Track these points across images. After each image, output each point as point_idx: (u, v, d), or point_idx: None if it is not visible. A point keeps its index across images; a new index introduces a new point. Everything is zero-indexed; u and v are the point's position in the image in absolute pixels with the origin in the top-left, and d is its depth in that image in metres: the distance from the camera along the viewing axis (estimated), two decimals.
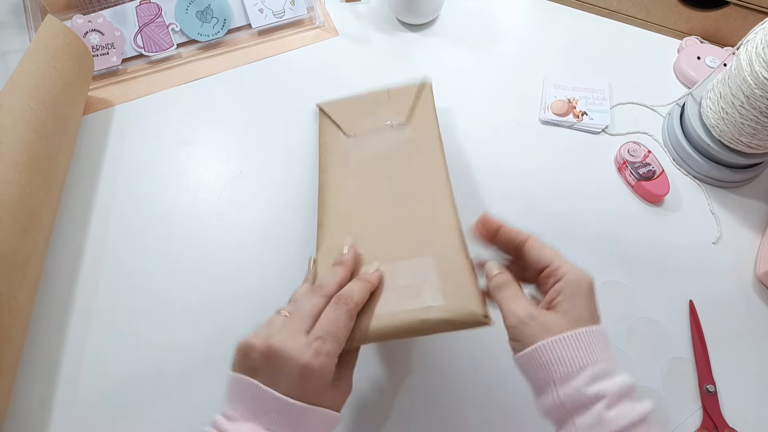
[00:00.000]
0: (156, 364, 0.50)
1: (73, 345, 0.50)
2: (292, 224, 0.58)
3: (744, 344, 0.54)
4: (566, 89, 0.65)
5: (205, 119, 0.64)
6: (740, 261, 0.59)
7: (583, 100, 0.64)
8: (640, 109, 0.68)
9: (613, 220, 0.60)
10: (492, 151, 0.64)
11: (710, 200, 0.62)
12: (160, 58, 0.68)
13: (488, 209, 0.60)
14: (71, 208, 0.57)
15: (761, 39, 0.52)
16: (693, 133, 0.62)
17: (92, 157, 0.60)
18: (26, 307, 0.47)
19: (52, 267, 0.53)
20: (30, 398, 0.47)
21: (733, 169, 0.62)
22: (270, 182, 0.60)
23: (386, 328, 0.39)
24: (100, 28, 0.64)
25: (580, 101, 0.63)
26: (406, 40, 0.73)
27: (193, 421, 0.47)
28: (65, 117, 0.55)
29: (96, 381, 0.49)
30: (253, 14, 0.70)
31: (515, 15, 0.77)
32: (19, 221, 0.46)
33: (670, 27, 0.75)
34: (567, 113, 0.52)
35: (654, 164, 0.62)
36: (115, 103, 0.64)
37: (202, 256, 0.55)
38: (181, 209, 0.58)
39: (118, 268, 0.54)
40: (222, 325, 0.52)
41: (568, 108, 0.55)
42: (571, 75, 0.69)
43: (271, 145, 0.63)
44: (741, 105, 0.55)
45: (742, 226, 0.61)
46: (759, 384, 0.51)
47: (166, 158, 0.61)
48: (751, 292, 0.57)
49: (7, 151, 0.48)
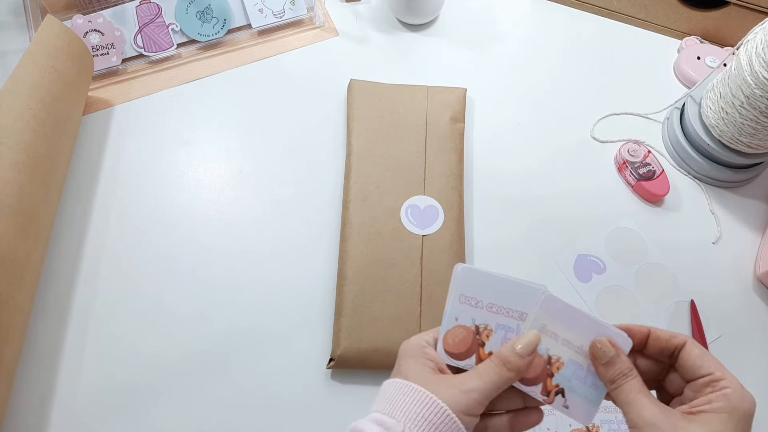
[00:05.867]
0: (155, 364, 0.50)
1: (72, 345, 0.50)
2: (292, 224, 0.58)
3: (744, 344, 0.54)
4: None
5: (205, 119, 0.64)
6: (740, 261, 0.59)
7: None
8: (637, 109, 0.68)
9: (613, 220, 0.60)
10: (492, 151, 0.64)
11: (710, 200, 0.62)
12: (160, 58, 0.68)
13: (488, 211, 0.60)
14: (71, 208, 0.57)
15: (761, 39, 0.52)
16: (693, 133, 0.62)
17: (92, 157, 0.60)
18: (25, 306, 0.47)
19: (52, 267, 0.53)
20: (29, 398, 0.47)
21: (733, 169, 0.62)
22: (270, 182, 0.60)
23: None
24: (100, 28, 0.64)
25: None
26: (406, 40, 0.73)
27: (193, 421, 0.48)
28: (65, 117, 0.55)
29: (95, 381, 0.49)
30: (253, 14, 0.70)
31: (515, 15, 0.77)
32: (18, 221, 0.46)
33: (670, 27, 0.75)
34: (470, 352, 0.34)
35: (654, 164, 0.62)
36: (115, 103, 0.64)
37: (202, 256, 0.55)
38: (181, 209, 0.58)
39: (117, 267, 0.54)
40: (222, 324, 0.52)
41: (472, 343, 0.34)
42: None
43: (271, 144, 0.63)
44: (741, 105, 0.54)
45: (742, 226, 0.61)
46: (759, 384, 0.51)
47: (166, 158, 0.61)
48: (751, 292, 0.57)
49: (7, 150, 0.48)
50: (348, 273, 0.52)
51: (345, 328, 0.50)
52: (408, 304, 0.51)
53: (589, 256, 0.58)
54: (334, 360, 0.49)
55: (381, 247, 0.53)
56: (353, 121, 0.61)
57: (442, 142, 0.59)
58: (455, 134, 0.61)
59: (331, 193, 0.59)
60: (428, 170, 0.57)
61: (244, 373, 0.50)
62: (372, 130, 0.60)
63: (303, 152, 0.62)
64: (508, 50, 0.73)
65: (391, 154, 0.58)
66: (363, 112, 0.61)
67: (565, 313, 0.32)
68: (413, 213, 0.55)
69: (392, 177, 0.57)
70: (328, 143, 0.63)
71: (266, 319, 0.52)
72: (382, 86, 0.63)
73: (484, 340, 0.33)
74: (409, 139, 0.59)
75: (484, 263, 0.56)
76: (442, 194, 0.56)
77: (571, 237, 0.59)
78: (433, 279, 0.52)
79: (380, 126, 0.60)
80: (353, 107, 0.62)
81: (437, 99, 0.62)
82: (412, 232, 0.54)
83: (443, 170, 0.58)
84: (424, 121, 0.60)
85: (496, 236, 0.58)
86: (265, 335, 0.52)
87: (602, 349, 0.32)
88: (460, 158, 0.60)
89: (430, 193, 0.56)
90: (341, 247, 0.54)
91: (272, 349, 0.51)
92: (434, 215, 0.55)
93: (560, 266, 0.57)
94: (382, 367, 0.49)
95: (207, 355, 0.50)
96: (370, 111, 0.61)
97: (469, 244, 0.57)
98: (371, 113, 0.61)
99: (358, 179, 0.57)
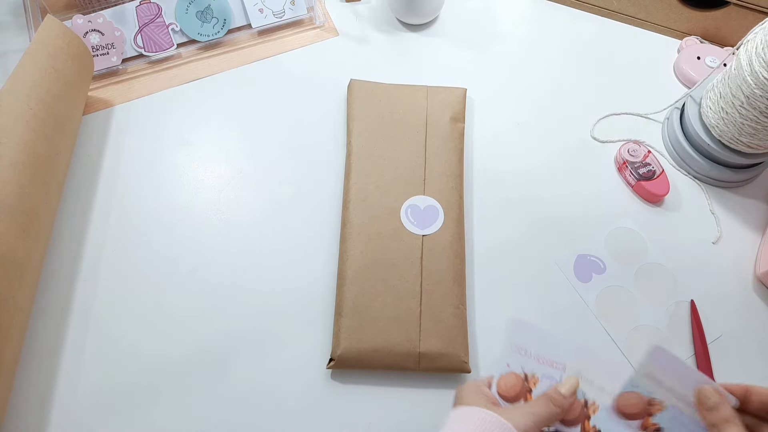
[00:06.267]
0: (155, 364, 0.50)
1: (72, 345, 0.50)
2: (292, 224, 0.58)
3: (744, 344, 0.54)
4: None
5: (205, 119, 0.64)
6: (740, 261, 0.59)
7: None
8: (637, 109, 0.68)
9: (613, 220, 0.60)
10: (492, 151, 0.64)
11: (710, 200, 0.62)
12: (160, 58, 0.68)
13: (488, 211, 0.60)
14: (71, 208, 0.57)
15: (761, 39, 0.52)
16: (693, 133, 0.62)
17: (92, 156, 0.60)
18: (25, 306, 0.47)
19: (52, 267, 0.53)
20: (29, 398, 0.47)
21: (733, 169, 0.62)
22: (270, 182, 0.60)
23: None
24: (100, 28, 0.64)
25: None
26: (406, 40, 0.73)
27: (193, 421, 0.48)
28: (65, 117, 0.55)
29: (95, 381, 0.49)
30: (253, 14, 0.70)
31: (515, 15, 0.77)
32: (18, 221, 0.46)
33: (670, 27, 0.75)
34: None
35: (654, 164, 0.62)
36: (115, 103, 0.64)
37: (202, 255, 0.55)
38: (181, 209, 0.58)
39: (117, 267, 0.54)
40: (222, 324, 0.52)
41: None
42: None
43: (271, 144, 0.63)
44: (741, 105, 0.54)
45: (742, 226, 0.61)
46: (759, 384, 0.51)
47: (166, 158, 0.61)
48: (751, 292, 0.57)
49: (7, 150, 0.48)
50: (348, 273, 0.52)
51: (345, 328, 0.49)
52: (408, 304, 0.51)
53: (589, 256, 0.58)
54: (334, 360, 0.49)
55: (381, 247, 0.53)
56: (353, 121, 0.61)
57: (442, 141, 0.59)
58: (455, 134, 0.61)
59: (331, 193, 0.59)
60: (428, 170, 0.57)
61: (244, 373, 0.50)
62: (372, 130, 0.60)
63: (303, 152, 0.62)
64: (508, 50, 0.73)
65: (391, 154, 0.58)
66: (363, 112, 0.61)
67: (673, 363, 0.34)
68: (413, 213, 0.55)
69: (392, 177, 0.57)
70: (328, 143, 0.63)
71: (266, 319, 0.52)
72: (382, 86, 0.63)
73: (531, 387, 0.38)
74: (409, 139, 0.59)
75: (484, 263, 0.57)
76: (442, 194, 0.56)
77: (571, 237, 0.59)
78: (433, 279, 0.52)
79: (380, 126, 0.60)
80: (353, 107, 0.62)
81: (437, 99, 0.62)
82: (412, 232, 0.54)
83: (443, 170, 0.58)
84: (424, 121, 0.60)
85: (497, 236, 0.58)
86: (265, 335, 0.52)
87: (707, 395, 0.33)
88: (460, 158, 0.60)
89: (430, 193, 0.56)
90: (341, 247, 0.54)
91: (272, 349, 0.51)
92: (434, 215, 0.55)
93: (560, 266, 0.57)
94: (382, 367, 0.50)
95: (207, 355, 0.50)
96: (370, 111, 0.61)
97: (469, 244, 0.57)
98: (371, 113, 0.61)
99: (358, 179, 0.57)
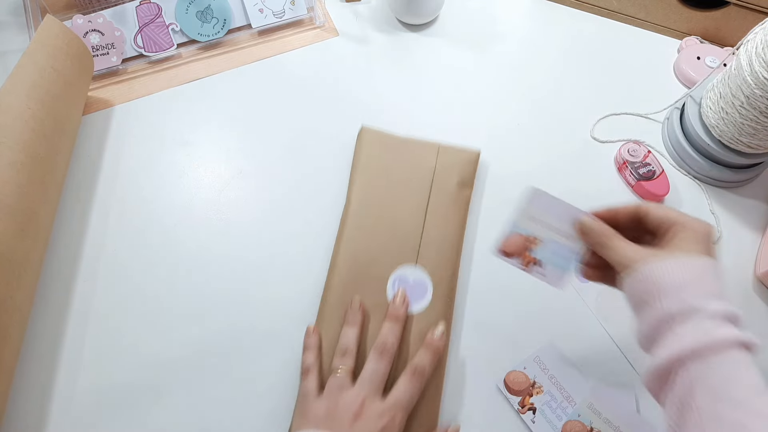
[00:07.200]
0: (155, 364, 0.50)
1: (71, 345, 0.50)
2: (292, 224, 0.58)
3: None
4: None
5: (205, 119, 0.64)
6: (740, 261, 0.59)
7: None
8: (637, 109, 0.68)
9: None
10: (491, 152, 0.64)
11: (710, 200, 0.62)
12: (160, 58, 0.68)
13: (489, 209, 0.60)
14: (70, 208, 0.57)
15: (761, 39, 0.52)
16: (693, 134, 0.62)
17: (92, 157, 0.60)
18: (24, 306, 0.47)
19: (51, 267, 0.53)
20: (29, 398, 0.47)
21: (733, 169, 0.62)
22: (270, 182, 0.60)
23: None
24: (100, 28, 0.64)
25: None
26: (406, 40, 0.73)
27: (192, 421, 0.47)
28: (64, 117, 0.55)
29: (95, 380, 0.48)
30: (253, 14, 0.70)
31: (515, 15, 0.77)
32: (17, 221, 0.46)
33: (670, 27, 0.75)
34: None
35: (654, 164, 0.62)
36: (115, 103, 0.64)
37: (202, 256, 0.55)
38: (181, 209, 0.58)
39: (117, 268, 0.54)
40: (221, 325, 0.52)
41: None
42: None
43: (271, 145, 0.63)
44: (741, 105, 0.54)
45: (742, 226, 0.61)
46: None
47: (166, 158, 0.61)
48: (751, 292, 0.57)
49: (6, 150, 0.48)
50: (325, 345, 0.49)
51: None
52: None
53: None
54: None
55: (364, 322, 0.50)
56: (356, 173, 0.58)
57: (445, 209, 0.56)
58: (460, 202, 0.57)
59: (331, 196, 0.59)
60: (425, 237, 0.54)
61: (244, 373, 0.50)
62: (374, 186, 0.57)
63: (303, 152, 0.62)
64: (508, 50, 0.73)
65: (390, 214, 0.55)
66: (368, 163, 0.58)
67: (551, 203, 0.44)
68: (401, 287, 0.52)
69: (385, 240, 0.54)
70: (329, 143, 0.63)
71: (266, 319, 0.52)
72: (393, 139, 0.60)
73: (531, 247, 0.45)
74: (411, 200, 0.56)
75: (485, 264, 0.56)
76: (435, 267, 0.53)
77: None
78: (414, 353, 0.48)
79: (383, 183, 0.57)
80: (359, 156, 0.59)
81: (447, 159, 0.59)
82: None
83: (440, 240, 0.54)
84: (429, 182, 0.57)
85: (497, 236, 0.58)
86: (265, 335, 0.51)
87: (584, 222, 0.42)
88: (461, 229, 0.56)
89: (422, 262, 0.53)
90: (319, 310, 0.52)
91: (272, 349, 0.51)
92: (422, 292, 0.52)
93: None
94: None
95: (207, 355, 0.50)
96: (376, 164, 0.58)
97: (469, 244, 0.57)
98: (376, 166, 0.58)
99: (349, 246, 0.53)
